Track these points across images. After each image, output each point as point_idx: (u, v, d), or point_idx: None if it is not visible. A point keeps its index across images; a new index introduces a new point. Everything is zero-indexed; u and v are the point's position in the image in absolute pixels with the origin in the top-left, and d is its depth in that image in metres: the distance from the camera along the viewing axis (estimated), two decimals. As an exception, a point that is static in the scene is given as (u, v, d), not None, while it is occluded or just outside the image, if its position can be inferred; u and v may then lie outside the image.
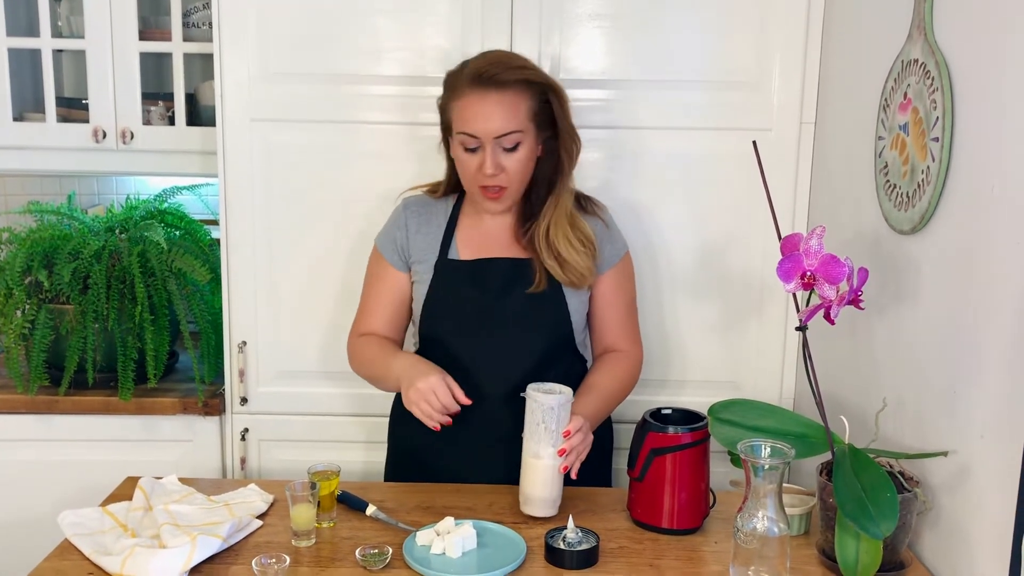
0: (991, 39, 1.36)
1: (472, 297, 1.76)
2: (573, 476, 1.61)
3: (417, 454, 1.85)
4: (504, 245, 1.81)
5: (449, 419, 1.62)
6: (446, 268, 1.78)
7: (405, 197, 1.88)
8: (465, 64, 1.72)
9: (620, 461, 1.86)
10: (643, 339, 1.94)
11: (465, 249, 1.80)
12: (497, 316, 1.76)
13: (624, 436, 1.95)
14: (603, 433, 1.91)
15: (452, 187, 1.86)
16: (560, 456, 1.58)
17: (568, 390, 1.61)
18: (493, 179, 1.68)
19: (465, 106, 1.66)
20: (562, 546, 1.47)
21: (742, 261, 2.11)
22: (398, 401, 1.91)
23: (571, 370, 1.83)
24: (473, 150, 1.68)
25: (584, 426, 1.62)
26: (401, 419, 1.89)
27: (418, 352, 1.81)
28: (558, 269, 1.74)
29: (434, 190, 1.87)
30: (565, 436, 1.59)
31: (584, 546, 1.48)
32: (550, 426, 1.58)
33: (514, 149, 1.68)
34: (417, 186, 1.90)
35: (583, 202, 1.84)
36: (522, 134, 1.68)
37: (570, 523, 1.52)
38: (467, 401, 1.62)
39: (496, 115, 1.65)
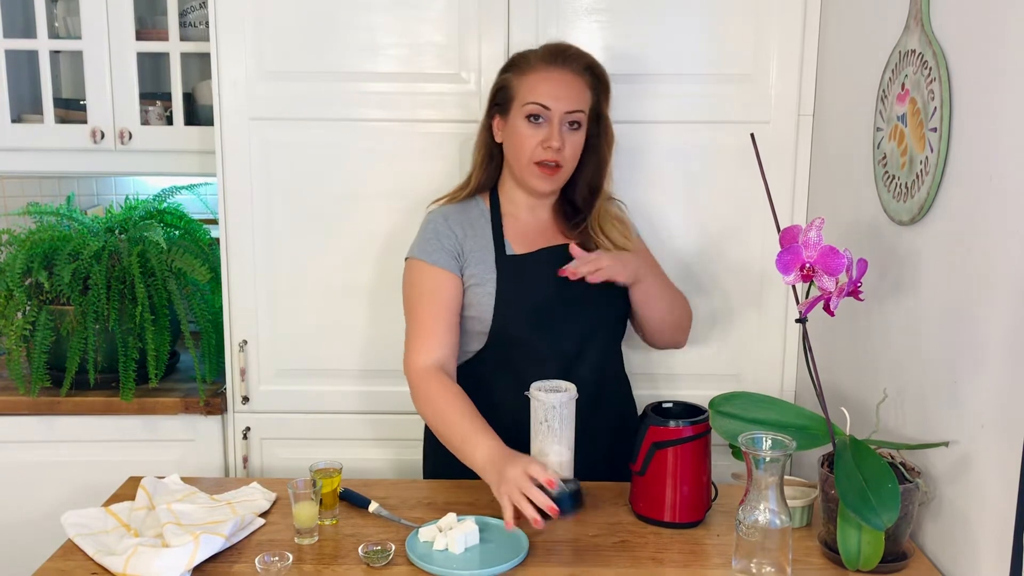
0: (988, 29, 1.36)
1: (542, 288, 1.76)
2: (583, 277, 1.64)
3: None
4: (551, 236, 1.82)
5: (539, 518, 1.44)
6: (509, 264, 1.76)
7: (434, 209, 1.84)
8: (534, 49, 1.78)
9: (622, 455, 1.86)
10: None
11: (517, 244, 1.79)
12: (570, 301, 1.76)
13: (625, 430, 1.95)
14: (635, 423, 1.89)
15: (479, 186, 1.84)
16: (570, 451, 1.59)
17: (572, 387, 1.61)
18: (557, 153, 1.70)
19: (540, 79, 1.71)
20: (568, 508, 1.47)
21: (742, 253, 2.11)
22: None
23: (620, 353, 1.90)
24: (537, 124, 1.71)
25: (602, 257, 1.67)
26: None
27: (488, 351, 1.77)
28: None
29: (454, 197, 1.84)
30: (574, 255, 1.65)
31: (571, 487, 1.47)
32: (553, 424, 1.58)
33: (575, 130, 1.73)
34: (437, 199, 1.86)
35: None
36: (584, 116, 1.74)
37: None
38: (553, 510, 1.44)
39: (569, 91, 1.71)
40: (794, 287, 1.46)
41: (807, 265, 1.41)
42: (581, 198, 1.84)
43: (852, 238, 1.79)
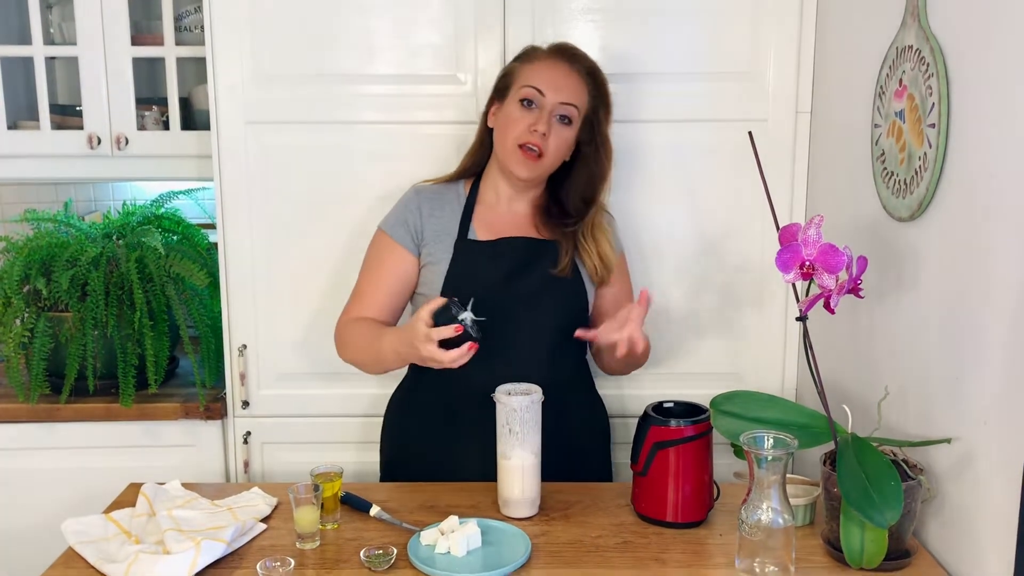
0: (985, 24, 1.36)
1: (493, 275, 1.77)
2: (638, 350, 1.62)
3: (418, 448, 1.84)
4: (522, 228, 1.83)
5: (465, 351, 1.55)
6: (467, 248, 1.79)
7: (416, 185, 1.89)
8: (543, 46, 1.83)
9: (623, 455, 1.86)
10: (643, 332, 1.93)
11: (483, 231, 1.81)
12: (518, 293, 1.76)
13: (626, 430, 1.95)
14: (602, 427, 1.91)
15: (468, 170, 1.87)
16: (534, 455, 1.59)
17: (538, 390, 1.60)
18: (541, 138, 1.72)
19: (541, 67, 1.76)
20: (468, 322, 1.53)
21: (741, 252, 2.11)
22: (395, 398, 1.91)
23: (580, 357, 1.87)
24: (529, 109, 1.73)
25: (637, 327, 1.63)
26: (399, 414, 1.89)
27: None
28: (598, 263, 1.82)
29: (440, 179, 1.89)
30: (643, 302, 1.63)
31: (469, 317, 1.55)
32: (514, 428, 1.58)
33: (565, 125, 1.75)
34: (427, 180, 1.90)
35: None
36: (577, 113, 1.76)
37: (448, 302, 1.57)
38: (459, 328, 1.55)
39: (567, 83, 1.75)
40: (794, 285, 1.46)
41: (807, 263, 1.40)
42: (574, 207, 1.84)
43: (851, 235, 1.79)
